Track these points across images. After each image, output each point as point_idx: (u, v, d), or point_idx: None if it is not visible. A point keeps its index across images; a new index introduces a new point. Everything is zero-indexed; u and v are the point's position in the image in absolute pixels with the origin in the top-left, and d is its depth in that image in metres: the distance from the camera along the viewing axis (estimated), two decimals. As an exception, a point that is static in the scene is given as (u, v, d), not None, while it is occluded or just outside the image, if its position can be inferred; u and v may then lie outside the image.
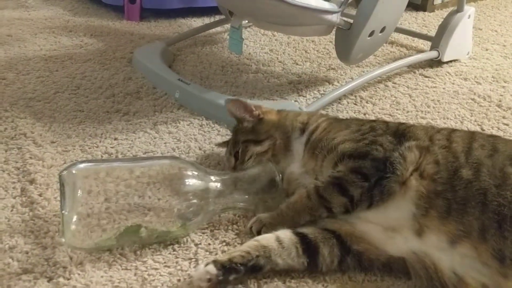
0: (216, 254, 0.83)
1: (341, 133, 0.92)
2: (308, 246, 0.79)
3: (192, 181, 0.85)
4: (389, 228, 0.79)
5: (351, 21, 1.29)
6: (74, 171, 0.81)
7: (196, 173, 0.86)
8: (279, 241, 0.79)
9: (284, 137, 0.99)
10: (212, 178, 0.88)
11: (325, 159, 0.89)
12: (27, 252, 0.83)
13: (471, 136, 0.84)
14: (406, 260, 0.77)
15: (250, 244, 0.79)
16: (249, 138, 0.99)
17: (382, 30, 1.32)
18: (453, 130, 0.88)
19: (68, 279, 0.78)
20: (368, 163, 0.83)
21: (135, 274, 0.79)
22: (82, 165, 0.84)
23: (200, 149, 1.13)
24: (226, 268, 0.75)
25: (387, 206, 0.80)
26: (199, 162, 1.08)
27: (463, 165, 0.77)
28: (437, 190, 0.76)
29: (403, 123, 0.95)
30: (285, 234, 0.80)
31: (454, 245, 0.73)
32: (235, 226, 0.90)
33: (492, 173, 0.75)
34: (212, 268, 0.74)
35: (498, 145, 0.81)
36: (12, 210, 0.92)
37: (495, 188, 0.73)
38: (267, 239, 0.80)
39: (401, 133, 0.88)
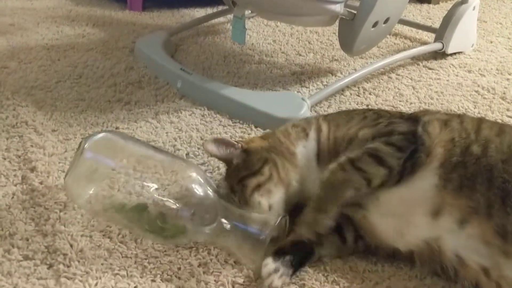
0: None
1: (350, 124, 0.87)
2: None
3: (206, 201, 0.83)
4: (403, 217, 0.77)
5: (355, 12, 1.28)
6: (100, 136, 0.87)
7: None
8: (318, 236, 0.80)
9: (285, 153, 0.88)
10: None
11: (346, 150, 0.83)
12: (27, 239, 0.83)
13: (479, 119, 0.86)
14: (414, 252, 0.77)
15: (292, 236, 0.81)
16: (243, 174, 0.86)
17: (386, 21, 1.31)
18: (461, 114, 0.88)
19: (68, 266, 0.78)
20: (398, 137, 0.80)
21: (135, 262, 0.79)
22: (110, 134, 0.90)
23: (201, 139, 1.13)
24: (279, 253, 0.77)
25: (413, 180, 0.77)
26: (201, 151, 1.08)
27: (474, 142, 0.77)
28: (453, 163, 0.76)
29: (402, 112, 0.94)
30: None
31: (464, 225, 0.73)
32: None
33: (500, 149, 0.75)
34: (269, 261, 0.76)
35: (505, 128, 0.82)
36: (13, 198, 0.92)
37: (502, 163, 0.74)
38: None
39: (408, 116, 0.87)
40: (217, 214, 0.81)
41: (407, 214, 0.77)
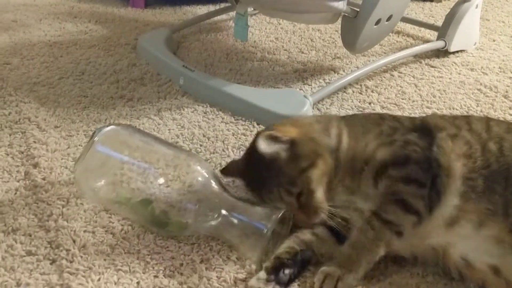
0: (219, 239, 0.83)
1: (367, 139, 0.82)
2: (339, 234, 0.80)
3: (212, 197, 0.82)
4: (417, 235, 0.76)
5: (358, 9, 1.27)
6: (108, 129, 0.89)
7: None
8: (315, 235, 0.80)
9: (323, 149, 0.81)
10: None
11: (363, 171, 0.79)
12: (30, 235, 0.83)
13: (486, 117, 0.86)
14: (418, 257, 0.77)
15: (291, 241, 0.79)
16: (303, 169, 0.79)
17: (388, 19, 1.31)
18: (467, 116, 0.87)
19: (71, 262, 0.78)
20: (414, 167, 0.76)
21: (137, 258, 0.79)
22: (120, 128, 0.92)
23: (204, 136, 1.13)
24: (276, 266, 0.75)
25: (439, 208, 0.75)
26: (204, 148, 1.08)
27: (488, 139, 0.77)
28: (475, 167, 0.75)
29: (412, 117, 0.91)
30: (319, 229, 0.81)
31: (480, 228, 0.72)
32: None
33: None
34: (262, 274, 0.74)
35: (511, 125, 0.82)
36: (15, 193, 0.93)
37: None
38: (304, 234, 0.80)
39: (420, 127, 0.83)
40: (221, 208, 0.81)
41: (421, 231, 0.76)
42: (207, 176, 0.84)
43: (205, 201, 0.81)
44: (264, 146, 0.78)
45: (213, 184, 0.83)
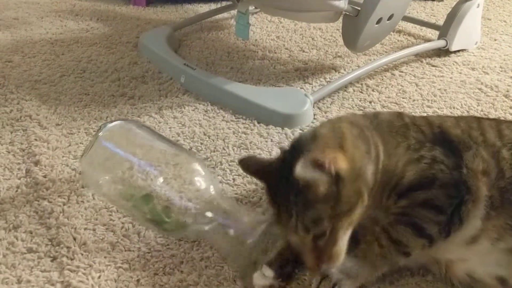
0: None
1: (398, 154, 0.74)
2: None
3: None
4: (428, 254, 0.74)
5: (359, 8, 1.27)
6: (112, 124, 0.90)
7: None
8: None
9: (366, 182, 0.71)
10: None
11: (393, 191, 0.73)
12: (31, 232, 0.84)
13: (496, 121, 0.80)
14: (420, 262, 0.76)
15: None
16: (338, 211, 0.67)
17: (390, 18, 1.31)
18: (478, 120, 0.80)
19: (72, 259, 0.78)
20: (438, 192, 0.70)
21: (137, 256, 0.80)
22: (125, 123, 0.93)
23: (204, 134, 1.13)
24: (279, 262, 0.75)
25: (458, 234, 0.71)
26: (204, 146, 1.08)
27: (502, 146, 0.73)
28: (492, 182, 0.71)
29: (428, 120, 0.81)
30: None
31: (497, 242, 0.69)
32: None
33: None
34: (265, 269, 0.73)
35: None
36: (17, 191, 0.93)
37: None
38: None
39: (441, 139, 0.75)
40: (216, 213, 0.80)
41: (433, 250, 0.73)
42: (206, 177, 0.84)
43: (204, 202, 0.81)
44: (303, 171, 0.65)
45: (212, 186, 0.83)
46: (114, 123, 0.91)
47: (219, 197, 0.82)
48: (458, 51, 1.60)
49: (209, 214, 0.80)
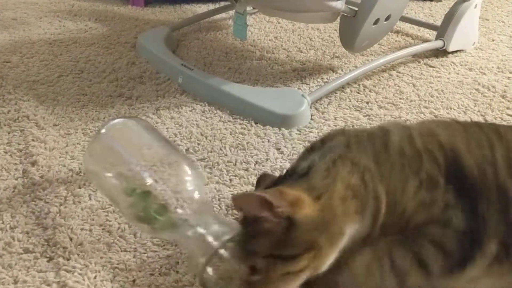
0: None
1: (407, 192, 0.67)
2: None
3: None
4: None
5: (356, 8, 1.28)
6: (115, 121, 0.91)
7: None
8: None
9: (334, 234, 0.64)
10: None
11: (399, 236, 0.67)
12: (27, 232, 0.84)
13: (496, 129, 0.74)
14: None
15: None
16: (275, 252, 0.62)
17: (387, 18, 1.31)
18: (490, 140, 0.72)
19: (68, 260, 0.79)
20: (451, 234, 0.65)
21: (134, 256, 0.80)
22: (128, 121, 0.93)
23: (201, 134, 1.13)
24: None
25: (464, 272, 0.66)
26: (201, 147, 1.09)
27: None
28: (504, 239, 0.66)
29: (440, 144, 0.71)
30: None
31: (502, 278, 0.68)
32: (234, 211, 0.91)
33: None
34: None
35: None
36: (13, 191, 0.93)
37: None
38: None
39: (454, 174, 0.68)
40: (198, 218, 0.77)
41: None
42: (198, 180, 0.84)
43: (195, 205, 0.80)
44: (246, 206, 0.64)
45: (202, 191, 0.83)
46: (116, 120, 0.91)
47: (205, 204, 0.81)
48: (456, 51, 1.60)
49: (195, 218, 0.77)
